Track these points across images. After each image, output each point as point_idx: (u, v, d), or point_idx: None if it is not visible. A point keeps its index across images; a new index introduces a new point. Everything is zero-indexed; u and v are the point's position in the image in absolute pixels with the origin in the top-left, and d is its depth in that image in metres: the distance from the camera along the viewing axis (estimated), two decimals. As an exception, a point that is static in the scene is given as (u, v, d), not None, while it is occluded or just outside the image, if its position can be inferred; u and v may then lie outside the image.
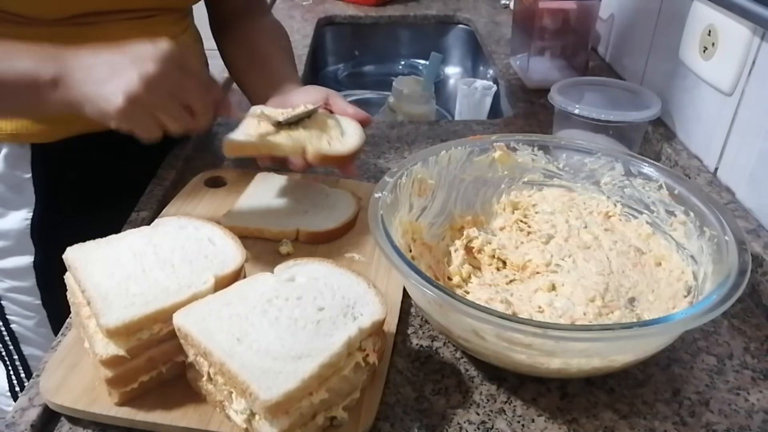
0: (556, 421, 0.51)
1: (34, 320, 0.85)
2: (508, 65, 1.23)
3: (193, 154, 0.90)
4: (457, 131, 0.98)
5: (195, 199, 0.76)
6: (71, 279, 0.54)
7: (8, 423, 0.50)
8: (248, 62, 0.87)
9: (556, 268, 0.62)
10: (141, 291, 0.50)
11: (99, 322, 0.48)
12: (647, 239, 0.65)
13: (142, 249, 0.55)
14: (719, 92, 0.77)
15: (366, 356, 0.49)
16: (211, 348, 0.46)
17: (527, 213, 0.70)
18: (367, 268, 0.66)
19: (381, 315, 0.49)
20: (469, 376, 0.55)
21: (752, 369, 0.56)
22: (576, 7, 1.07)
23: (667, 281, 0.60)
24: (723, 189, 0.76)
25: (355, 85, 1.51)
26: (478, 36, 1.47)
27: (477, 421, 0.51)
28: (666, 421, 0.51)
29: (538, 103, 1.06)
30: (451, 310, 0.49)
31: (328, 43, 1.58)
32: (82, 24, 0.70)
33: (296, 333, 0.47)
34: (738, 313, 0.63)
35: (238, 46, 0.89)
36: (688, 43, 0.83)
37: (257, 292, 0.51)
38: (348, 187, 0.78)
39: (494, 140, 0.69)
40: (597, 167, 0.69)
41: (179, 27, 0.84)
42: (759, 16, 0.67)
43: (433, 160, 0.66)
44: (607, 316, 0.56)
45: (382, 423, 0.51)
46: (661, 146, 0.87)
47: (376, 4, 1.59)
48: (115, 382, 0.49)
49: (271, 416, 0.43)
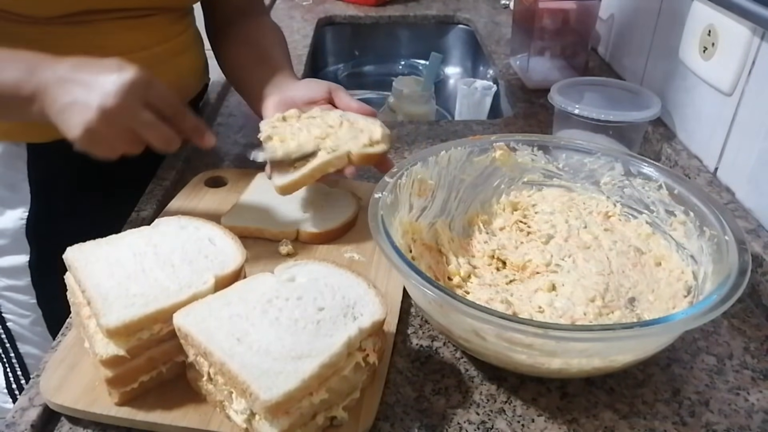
0: (556, 421, 0.51)
1: (29, 319, 0.85)
2: (508, 65, 1.23)
3: (193, 154, 0.90)
4: (457, 131, 0.98)
5: (195, 199, 0.76)
6: (71, 279, 0.54)
7: (8, 423, 0.50)
8: (246, 59, 0.86)
9: (556, 268, 0.62)
10: (141, 291, 0.50)
11: (99, 322, 0.48)
12: (647, 239, 0.65)
13: (142, 249, 0.55)
14: (719, 92, 0.77)
15: (366, 356, 0.49)
16: (211, 348, 0.46)
17: (527, 213, 0.70)
18: (367, 268, 0.66)
19: (381, 315, 0.49)
20: (469, 376, 0.55)
21: (752, 369, 0.56)
22: (576, 7, 1.07)
23: (667, 281, 0.60)
24: (723, 189, 0.76)
25: (355, 85, 1.51)
26: (478, 36, 1.47)
27: (477, 421, 0.51)
28: (666, 421, 0.51)
29: (538, 103, 1.06)
30: (451, 310, 0.49)
31: (328, 43, 1.58)
32: (79, 23, 0.70)
33: (296, 333, 0.47)
34: (738, 313, 0.63)
35: (237, 44, 0.88)
36: (688, 43, 0.83)
37: (257, 292, 0.51)
38: (348, 187, 0.78)
39: (494, 140, 0.69)
40: (597, 167, 0.69)
41: (179, 27, 0.84)
42: (759, 16, 0.67)
43: (433, 160, 0.66)
44: (607, 316, 0.56)
45: (382, 423, 0.51)
46: (661, 146, 0.87)
47: (376, 4, 1.59)
48: (115, 382, 0.49)
49: (271, 416, 0.43)
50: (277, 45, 0.88)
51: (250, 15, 0.91)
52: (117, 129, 0.57)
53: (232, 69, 0.89)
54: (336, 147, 0.67)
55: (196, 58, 0.90)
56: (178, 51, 0.84)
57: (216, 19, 0.92)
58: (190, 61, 0.88)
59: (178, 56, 0.84)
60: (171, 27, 0.82)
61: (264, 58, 0.85)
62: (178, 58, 0.84)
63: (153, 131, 0.58)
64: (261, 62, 0.84)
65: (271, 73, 0.82)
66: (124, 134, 0.58)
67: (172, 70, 0.83)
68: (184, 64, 0.86)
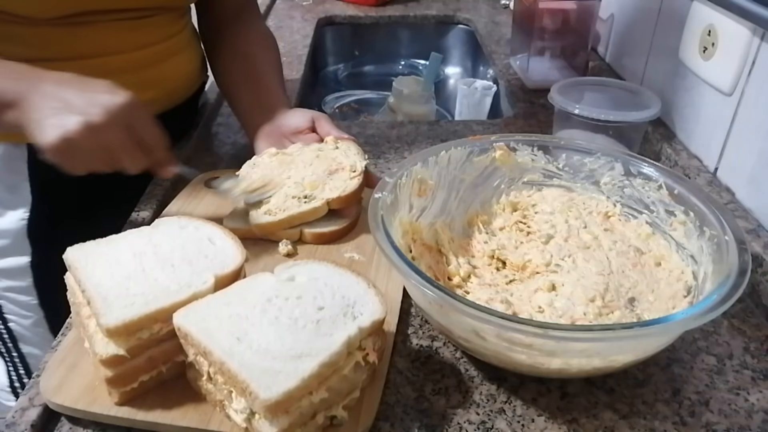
0: (556, 421, 0.51)
1: (31, 320, 0.85)
2: (508, 65, 1.23)
3: (193, 154, 0.90)
4: (457, 131, 0.98)
5: (195, 199, 0.76)
6: (71, 279, 0.54)
7: (8, 423, 0.50)
8: (241, 77, 0.87)
9: (556, 268, 0.62)
10: (141, 291, 0.50)
11: (99, 322, 0.48)
12: (647, 239, 0.65)
13: (142, 249, 0.55)
14: (719, 92, 0.77)
15: (366, 356, 0.49)
16: (211, 347, 0.46)
17: (527, 213, 0.70)
18: (367, 268, 0.66)
19: (381, 314, 0.49)
20: (469, 376, 0.55)
21: (752, 369, 0.56)
22: (576, 7, 1.07)
23: (667, 281, 0.60)
24: (723, 189, 0.76)
25: (355, 85, 1.51)
26: (478, 36, 1.47)
27: (477, 421, 0.51)
28: (666, 421, 0.51)
29: (538, 103, 1.06)
30: (451, 310, 0.49)
31: (328, 43, 1.58)
32: (78, 24, 0.70)
33: (296, 332, 0.47)
34: (738, 313, 0.63)
35: (232, 57, 0.88)
36: (688, 43, 0.83)
37: (257, 292, 0.51)
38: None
39: (494, 140, 0.69)
40: (597, 167, 0.69)
41: (176, 27, 0.84)
42: (759, 16, 0.67)
43: (433, 160, 0.66)
44: (607, 316, 0.56)
45: (382, 423, 0.51)
46: (661, 146, 0.87)
47: (376, 4, 1.59)
48: (115, 381, 0.49)
49: (271, 415, 0.43)
50: (267, 61, 0.89)
51: (243, 21, 0.91)
52: (95, 144, 0.57)
53: (224, 84, 0.91)
54: (314, 196, 0.70)
55: (193, 56, 0.90)
56: (177, 49, 0.84)
57: (209, 22, 0.92)
58: (189, 59, 0.88)
59: (177, 55, 0.84)
60: (169, 26, 0.82)
61: (254, 77, 0.86)
62: (176, 57, 0.84)
63: (129, 154, 0.60)
64: (250, 81, 0.86)
65: (260, 95, 0.84)
66: (100, 151, 0.58)
67: (170, 69, 0.83)
68: (183, 62, 0.87)
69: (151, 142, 0.61)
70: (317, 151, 0.75)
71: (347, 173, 0.72)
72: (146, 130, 0.60)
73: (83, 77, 0.60)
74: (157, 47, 0.80)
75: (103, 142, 0.58)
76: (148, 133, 0.60)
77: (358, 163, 0.73)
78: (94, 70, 0.73)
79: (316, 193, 0.70)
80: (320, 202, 0.69)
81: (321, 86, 1.50)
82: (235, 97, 0.87)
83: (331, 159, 0.74)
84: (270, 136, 0.79)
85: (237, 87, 0.87)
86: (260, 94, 0.84)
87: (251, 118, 0.83)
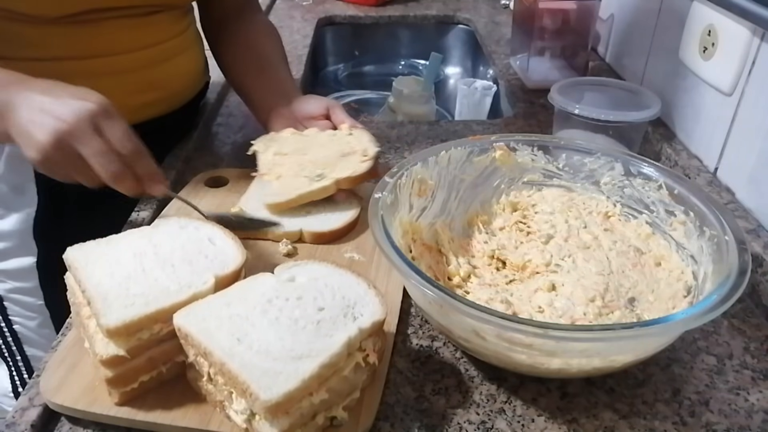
0: (556, 421, 0.51)
1: (36, 321, 0.85)
2: (508, 65, 1.23)
3: (193, 154, 0.90)
4: (457, 131, 0.98)
5: (195, 199, 0.76)
6: (71, 279, 0.54)
7: (8, 423, 0.50)
8: (247, 65, 0.87)
9: (556, 268, 0.62)
10: (141, 291, 0.50)
11: (99, 322, 0.48)
12: (647, 239, 0.65)
13: (142, 249, 0.55)
14: (719, 92, 0.77)
15: (366, 356, 0.49)
16: (211, 348, 0.46)
17: (527, 213, 0.70)
18: (367, 268, 0.66)
19: (381, 315, 0.49)
20: (469, 376, 0.55)
21: (752, 369, 0.56)
22: (576, 7, 1.07)
23: (667, 281, 0.60)
24: (723, 189, 0.76)
25: (355, 85, 1.51)
26: (478, 36, 1.47)
27: (477, 421, 0.51)
28: (666, 421, 0.51)
29: (538, 103, 1.06)
30: (451, 310, 0.49)
31: (328, 43, 1.58)
32: (82, 22, 0.70)
33: (296, 333, 0.47)
34: (738, 313, 0.63)
35: (236, 46, 0.89)
36: (688, 43, 0.83)
37: (257, 292, 0.51)
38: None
39: (494, 140, 0.69)
40: (597, 167, 0.69)
41: (180, 25, 0.84)
42: (759, 16, 0.67)
43: (433, 160, 0.66)
44: (607, 316, 0.56)
45: (382, 423, 0.51)
46: (661, 146, 0.87)
47: (376, 4, 1.59)
48: (115, 382, 0.49)
49: (271, 416, 0.43)
50: (275, 51, 0.90)
51: (245, 13, 0.92)
52: (66, 154, 0.56)
53: (232, 74, 0.91)
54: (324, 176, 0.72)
55: (196, 56, 0.90)
56: (180, 50, 0.84)
57: (212, 17, 0.92)
58: (191, 60, 0.88)
59: (180, 55, 0.84)
60: (172, 26, 0.82)
61: (264, 66, 0.86)
62: (179, 57, 0.84)
63: (99, 160, 0.57)
64: (261, 70, 0.86)
65: (273, 82, 0.84)
66: (73, 161, 0.57)
67: (173, 69, 0.83)
68: (186, 62, 0.87)
69: (125, 150, 0.58)
70: (332, 136, 0.77)
71: (359, 156, 0.74)
72: (118, 138, 0.57)
73: (65, 84, 0.58)
74: (161, 46, 0.80)
75: (74, 150, 0.56)
76: (120, 141, 0.57)
77: (370, 148, 0.75)
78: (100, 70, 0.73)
79: (327, 172, 0.72)
80: (330, 181, 0.71)
81: (321, 86, 1.50)
82: (246, 84, 0.88)
83: (345, 143, 0.76)
84: (285, 118, 0.80)
85: (247, 76, 0.87)
86: (272, 81, 0.85)
87: (264, 101, 0.83)
